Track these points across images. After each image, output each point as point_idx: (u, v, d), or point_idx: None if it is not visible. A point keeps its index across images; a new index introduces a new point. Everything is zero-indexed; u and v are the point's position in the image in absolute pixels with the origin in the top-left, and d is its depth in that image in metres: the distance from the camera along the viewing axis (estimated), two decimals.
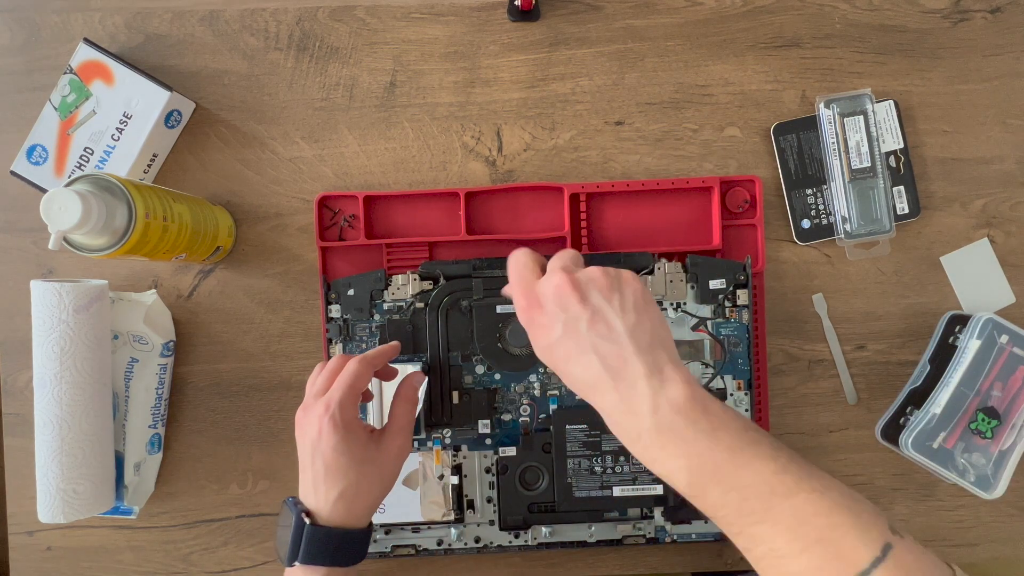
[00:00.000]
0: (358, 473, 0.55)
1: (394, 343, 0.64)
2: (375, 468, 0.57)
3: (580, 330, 0.48)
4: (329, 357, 0.69)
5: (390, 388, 0.65)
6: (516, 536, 0.69)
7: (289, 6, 0.72)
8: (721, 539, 0.69)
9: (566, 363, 0.49)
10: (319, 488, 0.56)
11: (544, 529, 0.68)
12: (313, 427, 0.55)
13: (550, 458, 0.67)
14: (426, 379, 0.65)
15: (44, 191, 0.69)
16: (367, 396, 0.62)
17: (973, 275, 0.72)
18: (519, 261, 0.53)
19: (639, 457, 0.48)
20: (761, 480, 0.45)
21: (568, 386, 0.51)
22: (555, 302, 0.49)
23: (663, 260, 0.68)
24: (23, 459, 0.71)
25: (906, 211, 0.72)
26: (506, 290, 0.53)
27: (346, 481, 0.55)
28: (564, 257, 0.52)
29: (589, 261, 0.67)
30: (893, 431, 0.69)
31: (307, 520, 0.55)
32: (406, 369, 0.68)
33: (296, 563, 0.55)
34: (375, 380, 0.66)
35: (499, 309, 0.67)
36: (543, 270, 0.52)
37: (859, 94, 0.71)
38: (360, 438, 0.56)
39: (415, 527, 0.69)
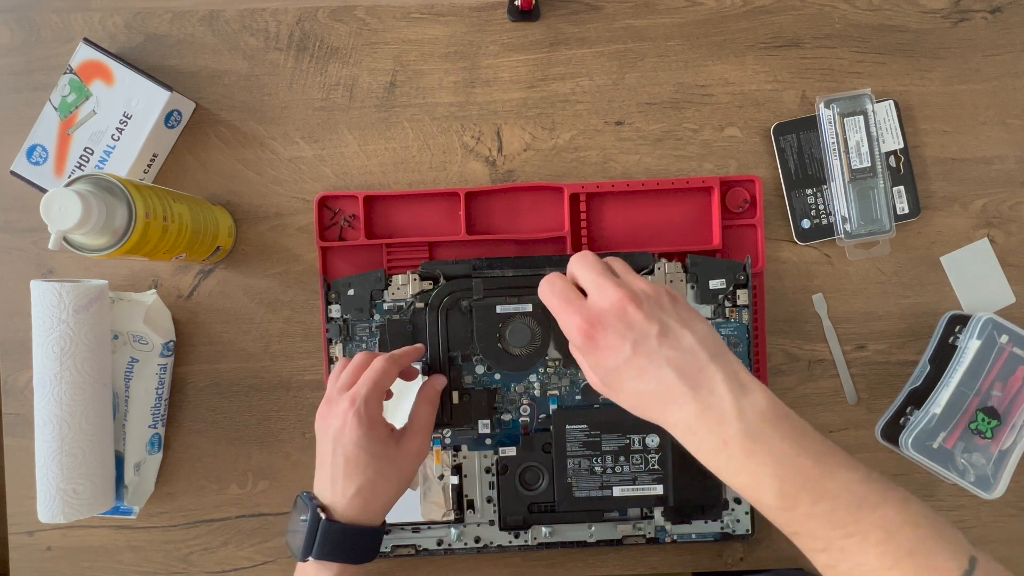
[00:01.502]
0: (376, 470, 0.55)
1: (419, 345, 0.63)
2: (394, 466, 0.56)
3: (651, 345, 0.47)
4: (329, 357, 0.69)
5: (400, 388, 0.65)
6: (516, 536, 0.69)
7: (289, 6, 0.72)
8: (721, 539, 0.69)
9: (636, 381, 0.47)
10: (337, 483, 0.55)
11: (544, 529, 0.68)
12: (337, 420, 0.55)
13: (550, 458, 0.67)
14: (446, 382, 0.65)
15: (44, 191, 0.69)
16: (388, 395, 0.61)
17: (973, 275, 0.72)
18: (556, 286, 0.51)
19: (721, 470, 0.46)
20: (848, 490, 0.44)
21: (630, 405, 0.49)
22: (619, 319, 0.47)
23: (663, 260, 0.68)
24: (23, 459, 0.71)
25: (906, 211, 0.72)
26: (557, 315, 0.51)
27: (364, 477, 0.55)
28: (596, 267, 0.50)
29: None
30: (893, 431, 0.69)
31: (323, 515, 0.55)
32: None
33: (310, 558, 0.55)
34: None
35: (499, 309, 0.67)
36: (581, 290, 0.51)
37: (859, 94, 0.71)
38: (381, 435, 0.56)
39: (415, 527, 0.69)
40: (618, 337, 0.47)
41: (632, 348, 0.47)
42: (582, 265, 0.51)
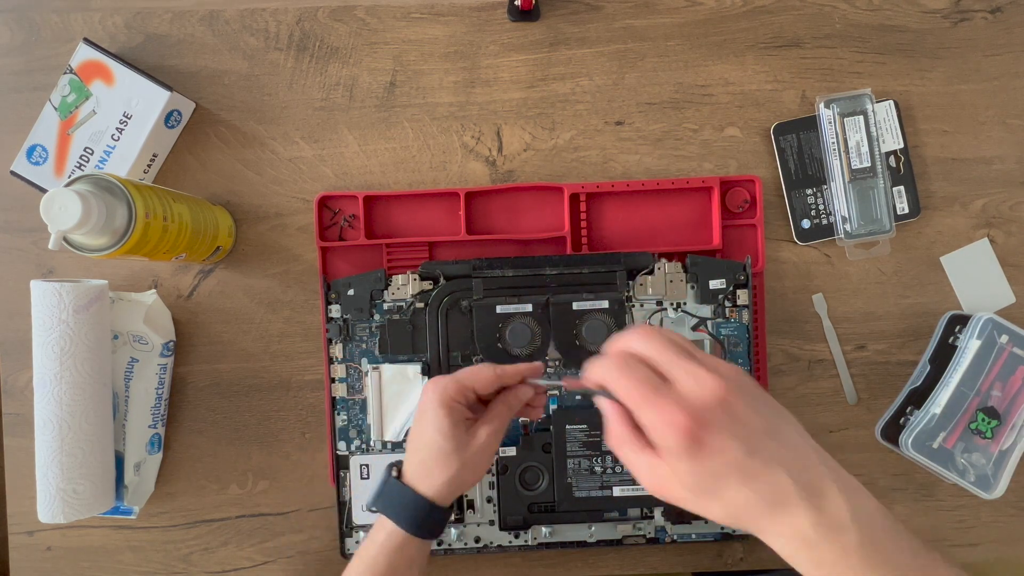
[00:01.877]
0: (439, 449, 0.56)
1: (537, 364, 0.59)
2: (461, 452, 0.56)
3: (764, 444, 0.41)
4: (329, 357, 0.69)
5: (399, 392, 0.66)
6: (516, 536, 0.69)
7: (289, 6, 0.72)
8: (721, 539, 0.69)
9: (743, 487, 0.41)
10: (408, 450, 0.58)
11: (544, 529, 0.68)
12: (423, 396, 0.57)
13: (550, 458, 0.67)
14: (530, 393, 0.60)
15: (44, 191, 0.69)
16: (479, 401, 0.59)
17: (973, 275, 0.72)
18: (637, 373, 0.42)
19: None
20: None
21: (727, 517, 0.42)
22: (726, 414, 0.41)
23: (663, 260, 0.68)
24: (23, 459, 0.71)
25: (906, 211, 0.72)
26: (640, 409, 0.42)
27: (427, 451, 0.56)
28: (676, 347, 0.43)
29: (580, 263, 0.68)
30: (893, 431, 0.69)
31: (394, 473, 0.58)
32: (406, 369, 0.68)
33: (374, 508, 0.57)
34: (372, 384, 0.68)
35: (499, 309, 0.67)
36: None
37: (859, 94, 0.71)
38: (454, 421, 0.56)
39: None
40: (729, 436, 0.40)
41: (745, 449, 0.40)
42: (658, 345, 0.43)
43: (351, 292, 0.69)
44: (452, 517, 0.68)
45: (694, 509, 0.42)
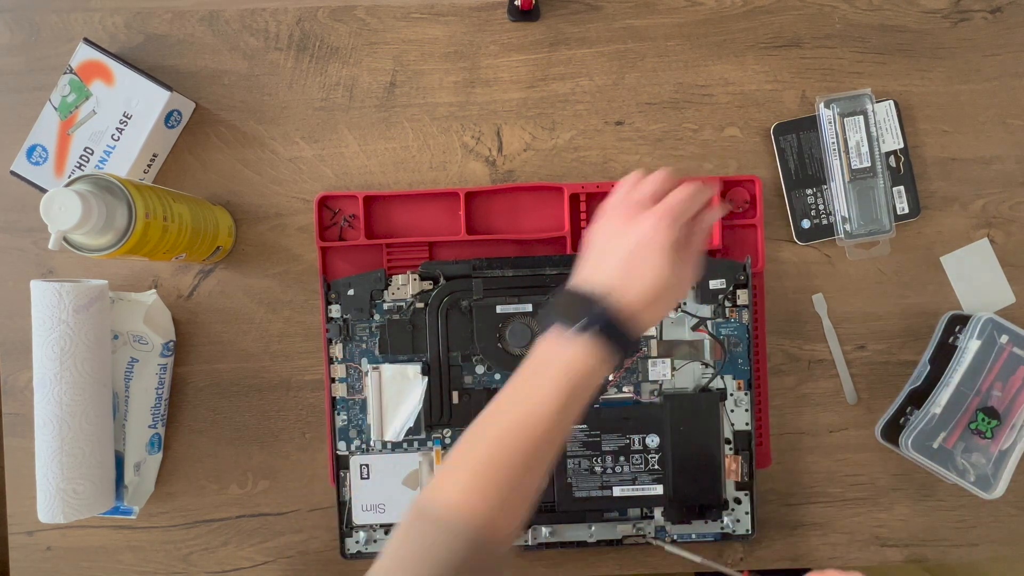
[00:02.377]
0: (667, 286, 0.52)
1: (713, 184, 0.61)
2: (677, 287, 0.54)
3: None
4: (329, 357, 0.69)
5: (398, 390, 0.65)
6: None
7: (289, 6, 0.72)
8: (721, 539, 0.69)
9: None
10: (629, 279, 0.52)
11: (544, 529, 0.68)
12: (646, 228, 0.53)
13: None
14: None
15: (44, 191, 0.69)
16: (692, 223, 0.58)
17: (973, 275, 0.72)
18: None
19: None
20: None
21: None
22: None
23: None
24: (23, 459, 0.71)
25: (906, 211, 0.72)
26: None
27: (655, 288, 0.52)
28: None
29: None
30: (893, 431, 0.69)
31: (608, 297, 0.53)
32: (406, 369, 0.68)
33: (587, 333, 0.51)
34: (372, 384, 0.67)
35: (499, 309, 0.67)
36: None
37: (859, 94, 0.71)
38: (678, 259, 0.53)
39: None
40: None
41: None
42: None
43: (351, 292, 0.69)
44: None
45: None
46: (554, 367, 0.51)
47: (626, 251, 0.53)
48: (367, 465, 0.68)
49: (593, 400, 0.56)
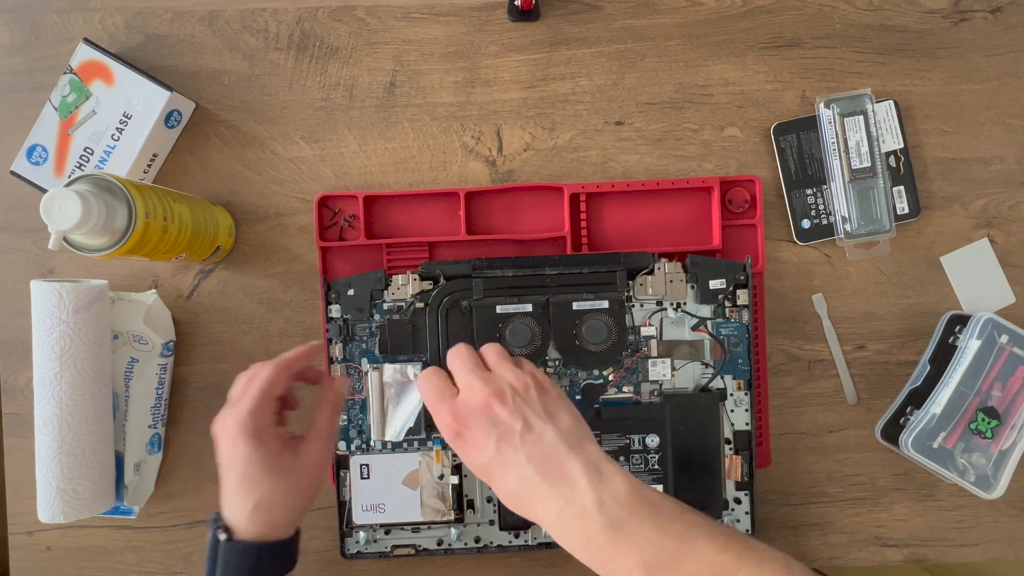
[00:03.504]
0: (272, 483, 0.53)
1: (315, 343, 0.60)
2: (292, 477, 0.54)
3: (514, 443, 0.47)
4: (330, 357, 0.69)
5: (398, 392, 0.65)
6: (516, 536, 0.69)
7: (289, 6, 0.72)
8: None
9: (503, 477, 0.48)
10: (234, 500, 0.53)
11: (544, 529, 0.68)
12: (224, 436, 0.54)
13: None
14: (350, 383, 0.63)
15: (44, 191, 0.69)
16: (289, 403, 0.59)
17: (973, 275, 0.72)
18: (432, 382, 0.52)
19: (591, 563, 0.47)
20: (708, 561, 0.45)
21: (505, 501, 0.49)
22: (484, 417, 0.48)
23: (663, 260, 0.68)
24: (23, 459, 0.71)
25: (906, 211, 0.72)
26: (432, 412, 0.51)
27: (260, 492, 0.53)
28: (467, 363, 0.51)
29: (580, 263, 0.68)
30: (893, 431, 0.69)
31: (222, 536, 0.53)
32: (406, 369, 0.68)
33: None
34: (372, 384, 0.67)
35: (499, 309, 0.67)
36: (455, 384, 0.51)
37: (859, 94, 0.71)
38: (273, 448, 0.54)
39: (415, 527, 0.69)
40: (484, 434, 0.48)
41: (496, 445, 0.48)
42: (455, 362, 0.52)
43: (351, 292, 0.69)
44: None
45: (495, 489, 0.49)
46: None
47: (224, 468, 0.55)
48: (367, 465, 0.68)
49: None
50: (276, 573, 0.55)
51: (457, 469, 0.68)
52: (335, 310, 0.69)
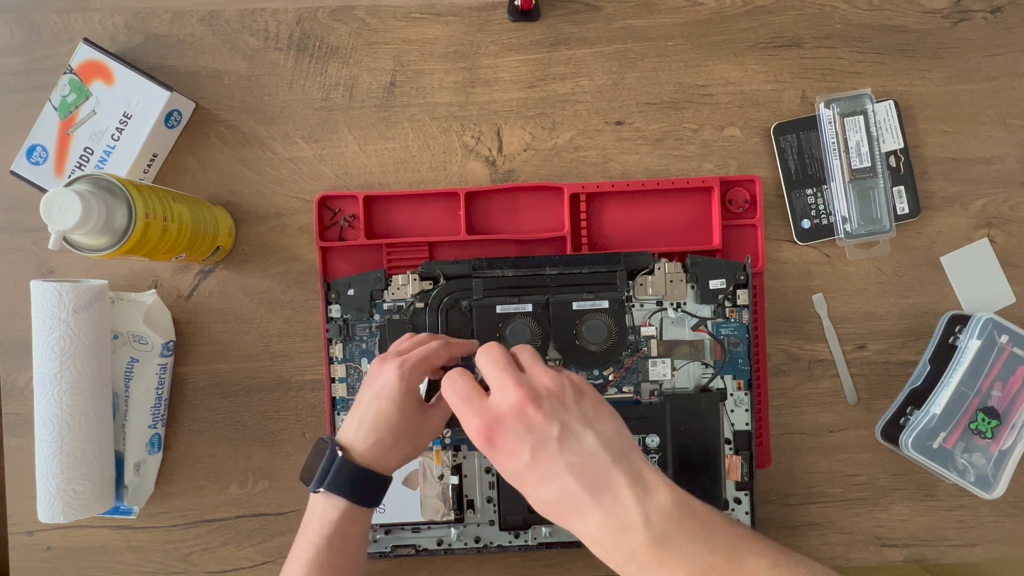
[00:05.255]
0: (398, 430, 0.56)
1: (473, 340, 0.62)
2: (415, 431, 0.57)
3: (551, 450, 0.45)
4: (329, 357, 0.69)
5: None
6: (516, 536, 0.69)
7: (289, 6, 0.72)
8: None
9: (539, 486, 0.46)
10: (362, 428, 0.56)
11: (544, 529, 0.68)
12: (383, 375, 0.56)
13: None
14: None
15: (44, 191, 0.69)
16: (436, 374, 0.61)
17: (973, 275, 0.72)
18: (457, 384, 0.50)
19: None
20: None
21: (540, 510, 0.47)
22: (518, 422, 0.46)
23: (663, 260, 0.68)
24: (23, 459, 0.71)
25: (906, 211, 0.72)
26: (459, 417, 0.49)
27: (386, 432, 0.56)
28: (500, 362, 0.49)
29: (580, 263, 0.68)
30: (893, 431, 0.69)
31: (340, 453, 0.56)
32: None
33: (321, 489, 0.56)
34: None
35: (499, 309, 0.67)
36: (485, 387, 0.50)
37: (859, 94, 0.71)
38: (413, 402, 0.57)
39: (415, 527, 0.69)
40: (517, 440, 0.46)
41: (531, 453, 0.45)
42: (485, 360, 0.50)
43: (351, 292, 0.69)
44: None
45: (529, 498, 0.47)
46: (309, 525, 0.57)
47: (364, 401, 0.57)
48: None
49: (367, 542, 0.61)
50: (368, 501, 0.57)
51: (457, 469, 0.68)
52: (335, 310, 0.69)
